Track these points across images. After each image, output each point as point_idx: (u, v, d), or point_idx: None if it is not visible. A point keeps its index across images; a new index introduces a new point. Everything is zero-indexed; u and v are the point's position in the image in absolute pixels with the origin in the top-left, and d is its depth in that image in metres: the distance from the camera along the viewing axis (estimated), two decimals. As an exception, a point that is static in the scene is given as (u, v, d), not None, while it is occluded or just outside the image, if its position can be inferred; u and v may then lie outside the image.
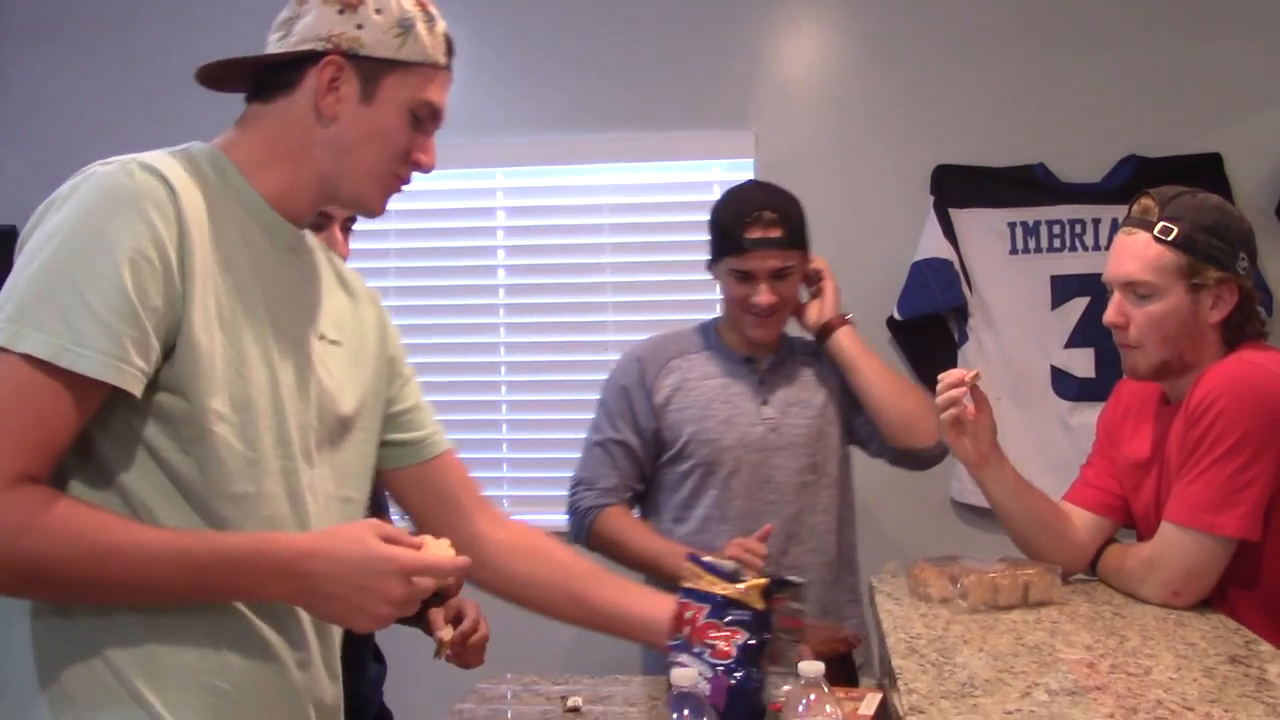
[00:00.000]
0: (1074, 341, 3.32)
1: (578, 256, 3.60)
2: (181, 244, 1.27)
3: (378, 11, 1.40)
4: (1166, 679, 1.56)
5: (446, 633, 2.01)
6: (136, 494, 1.27)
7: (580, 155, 3.57)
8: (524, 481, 3.66)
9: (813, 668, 1.38)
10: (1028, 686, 1.54)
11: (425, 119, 1.45)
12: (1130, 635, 1.79)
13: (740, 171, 3.48)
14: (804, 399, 2.51)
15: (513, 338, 3.65)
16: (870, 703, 1.67)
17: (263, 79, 1.42)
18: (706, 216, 3.63)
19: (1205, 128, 3.31)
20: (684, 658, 1.55)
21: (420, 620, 2.07)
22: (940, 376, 2.13)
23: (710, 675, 1.51)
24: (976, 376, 2.10)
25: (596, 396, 3.55)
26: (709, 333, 2.58)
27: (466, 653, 2.05)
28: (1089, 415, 2.79)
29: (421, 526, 1.65)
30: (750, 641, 1.51)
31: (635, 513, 2.57)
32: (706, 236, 3.68)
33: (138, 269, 1.23)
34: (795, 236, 2.43)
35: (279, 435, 1.36)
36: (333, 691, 1.47)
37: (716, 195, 3.50)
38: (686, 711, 1.35)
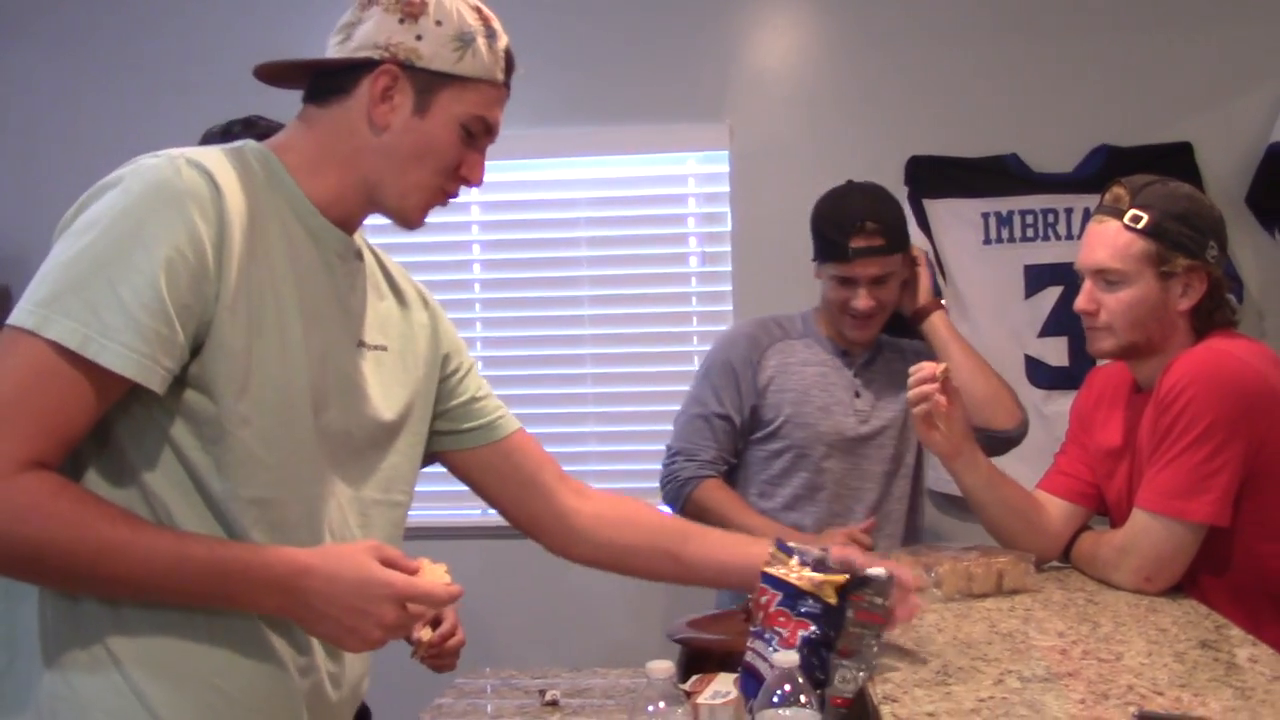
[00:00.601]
0: (1047, 330, 3.34)
1: (553, 250, 3.60)
2: (221, 244, 1.27)
3: (438, 23, 1.39)
4: (1138, 664, 1.58)
5: (425, 633, 2.01)
6: (154, 488, 1.27)
7: (555, 149, 3.56)
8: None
9: (786, 658, 1.38)
10: (1001, 674, 1.55)
11: (478, 134, 1.44)
12: (1103, 621, 1.80)
13: (715, 164, 3.50)
14: (892, 394, 2.60)
15: (489, 332, 3.65)
16: None
17: (319, 82, 1.42)
18: (681, 209, 3.68)
19: (1175, 117, 3.33)
20: (755, 643, 1.55)
21: None
22: (911, 370, 2.15)
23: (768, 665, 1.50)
24: (947, 370, 2.12)
25: (572, 390, 3.57)
26: (808, 322, 2.68)
27: (442, 656, 2.04)
28: (1063, 403, 2.82)
29: (502, 510, 1.71)
30: (815, 635, 1.50)
31: None
32: (682, 229, 3.69)
33: (173, 267, 1.22)
34: (896, 243, 2.51)
35: (302, 441, 1.35)
36: (337, 699, 1.45)
37: (692, 188, 3.57)
38: (662, 704, 1.36)
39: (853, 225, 2.47)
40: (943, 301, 2.64)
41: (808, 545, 1.62)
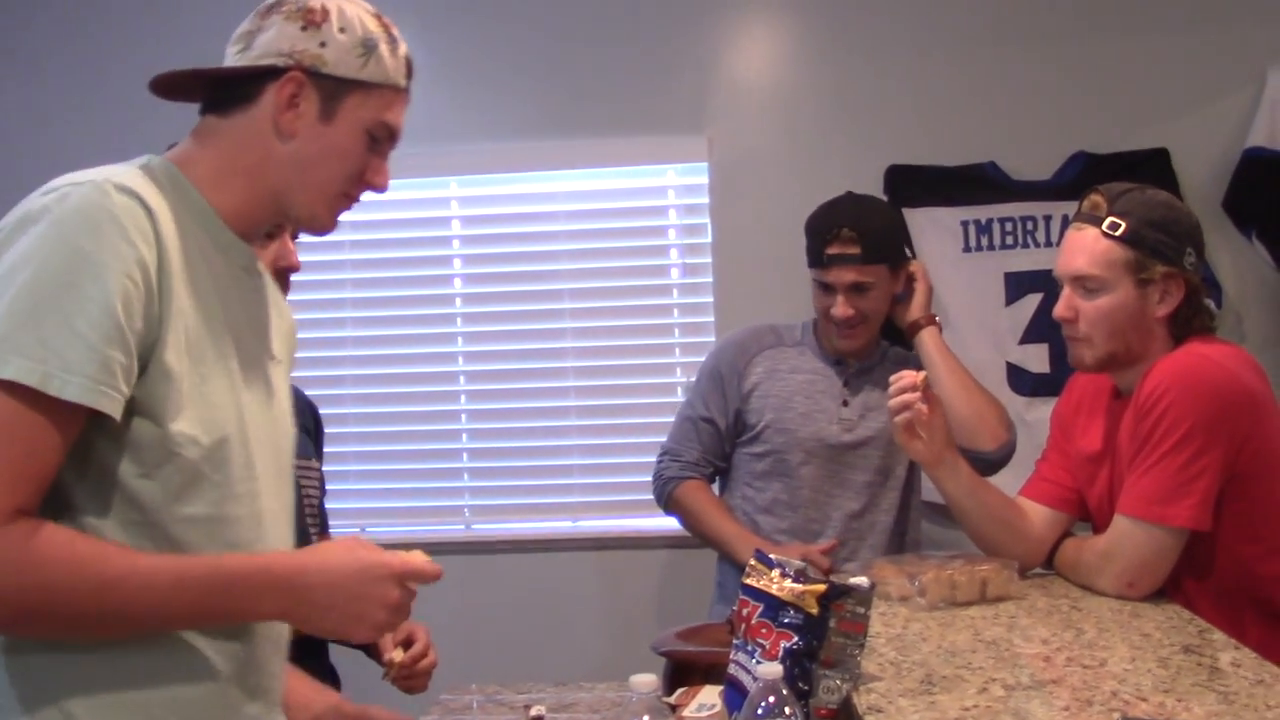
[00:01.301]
0: (1028, 337, 3.35)
1: (534, 264, 3.59)
2: (160, 266, 1.26)
3: (341, 30, 1.39)
4: (1121, 670, 1.58)
5: (397, 654, 2.00)
6: (99, 523, 1.25)
7: (535, 162, 3.56)
8: (485, 491, 3.64)
9: (770, 670, 1.38)
10: (985, 682, 1.55)
11: (382, 140, 1.44)
12: (1086, 627, 1.81)
13: (695, 176, 3.50)
14: (884, 405, 2.53)
15: (471, 346, 3.64)
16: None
17: (220, 92, 1.41)
18: (662, 221, 3.68)
19: (1152, 123, 3.35)
20: (738, 655, 1.55)
21: (365, 645, 2.05)
22: (892, 379, 2.15)
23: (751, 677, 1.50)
24: (927, 379, 2.13)
25: (556, 403, 3.58)
26: (807, 330, 2.72)
27: (414, 677, 2.03)
28: (1044, 410, 2.81)
29: None
30: (797, 646, 1.50)
31: (715, 487, 2.74)
32: (663, 241, 3.73)
33: (126, 294, 1.21)
34: (875, 252, 2.51)
35: (244, 458, 1.36)
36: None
37: (671, 200, 3.57)
38: (647, 718, 1.35)
39: (830, 231, 2.51)
40: (937, 318, 2.65)
41: (788, 557, 1.63)
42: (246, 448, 1.36)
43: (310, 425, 2.17)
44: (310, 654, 1.81)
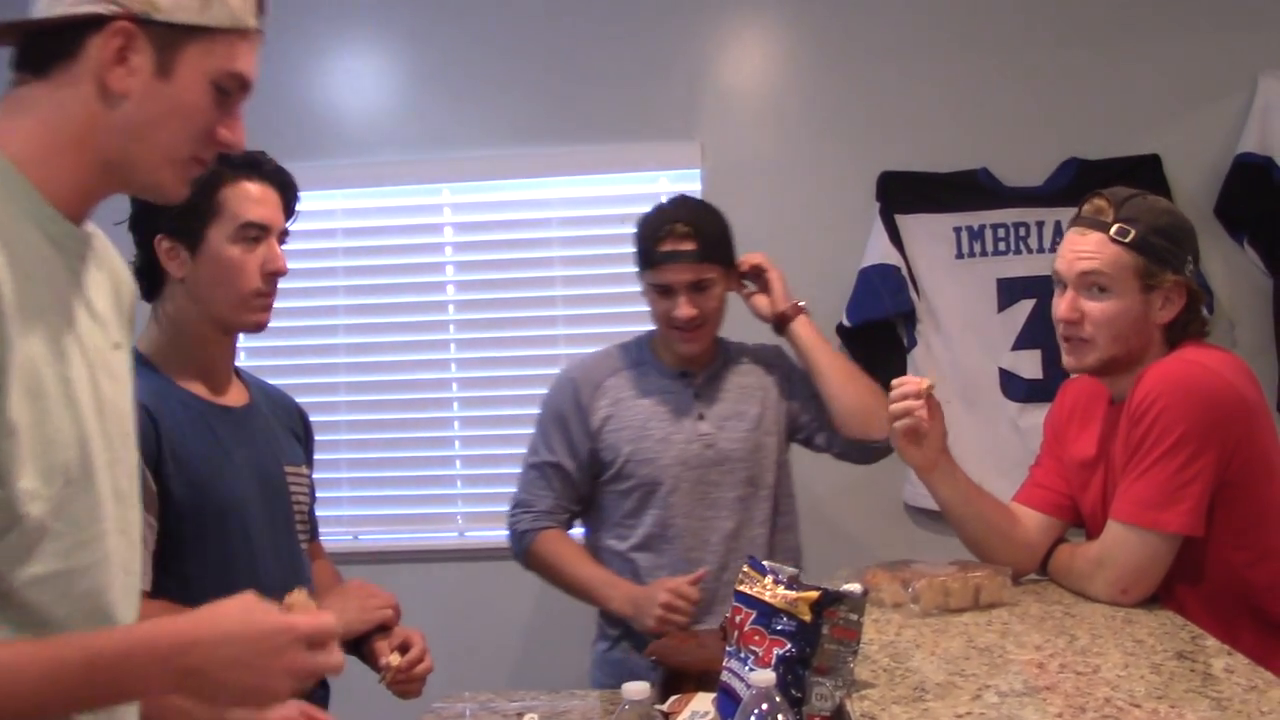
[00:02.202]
0: (1021, 343, 3.35)
1: (527, 271, 3.59)
2: None
3: None
4: (1114, 676, 1.58)
5: (394, 658, 1.99)
6: None
7: (527, 169, 3.56)
8: (478, 498, 3.64)
9: (763, 677, 1.38)
10: (979, 689, 1.55)
11: (233, 91, 1.24)
12: (1080, 634, 1.80)
13: (687, 183, 3.49)
14: (740, 411, 2.52)
15: (463, 353, 3.64)
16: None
17: (33, 49, 1.18)
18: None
19: (1144, 130, 3.35)
20: (731, 662, 1.55)
21: (359, 649, 2.05)
22: (895, 383, 2.14)
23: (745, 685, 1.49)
24: (932, 387, 2.11)
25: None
26: (643, 348, 2.58)
27: (410, 682, 2.03)
28: (1037, 416, 2.81)
29: None
30: (790, 652, 1.50)
31: (576, 530, 2.60)
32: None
33: None
34: (709, 249, 2.43)
35: (88, 495, 1.19)
36: None
37: (664, 206, 3.56)
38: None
39: (663, 229, 2.41)
40: (802, 305, 2.55)
41: (780, 564, 1.62)
42: (90, 480, 1.20)
43: (300, 432, 2.17)
44: None
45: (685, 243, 2.40)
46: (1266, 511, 1.96)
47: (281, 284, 1.98)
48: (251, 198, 1.90)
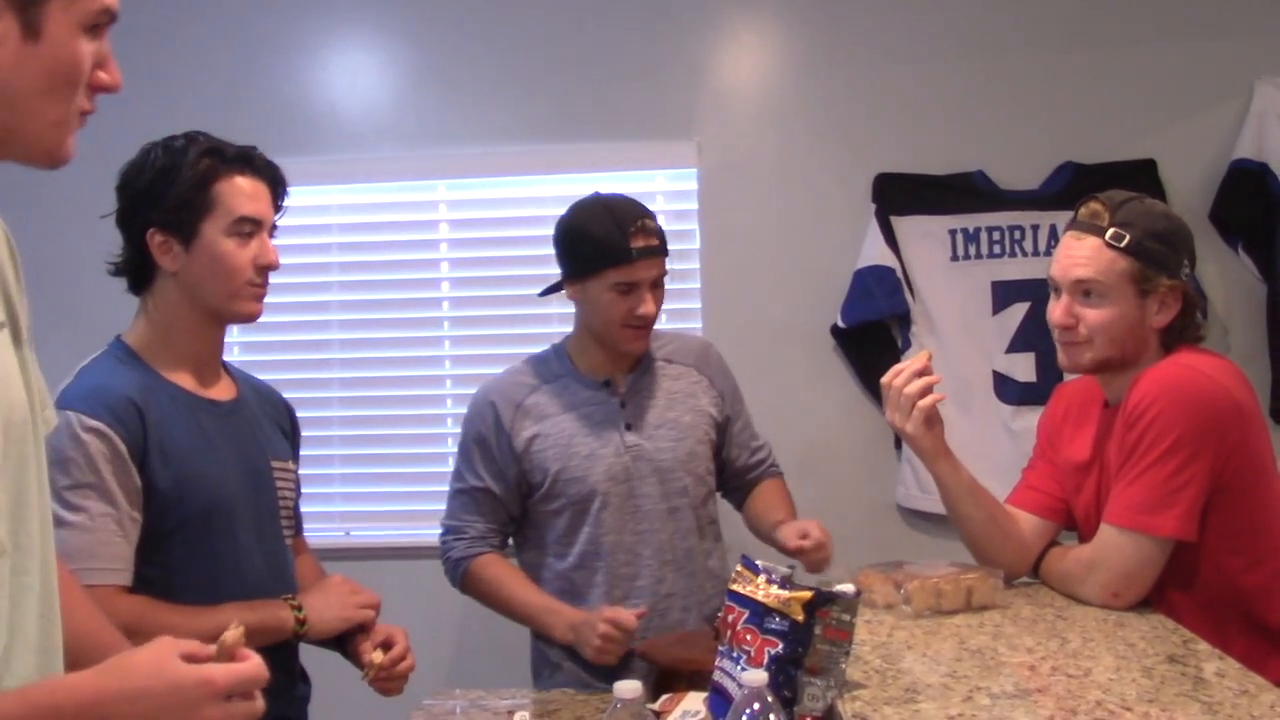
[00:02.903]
0: (1015, 346, 3.35)
1: (521, 268, 3.57)
2: None
3: None
4: (1106, 679, 1.58)
5: (377, 655, 1.99)
6: None
7: (524, 166, 3.55)
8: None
9: (755, 677, 1.38)
10: (970, 691, 1.55)
11: (102, 25, 1.15)
12: (1071, 637, 1.80)
13: (683, 182, 3.50)
14: (670, 419, 2.44)
15: (457, 350, 3.63)
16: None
17: None
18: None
19: (1140, 134, 3.36)
20: (723, 661, 1.54)
21: (342, 646, 2.05)
22: (893, 371, 2.12)
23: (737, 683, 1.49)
24: (930, 357, 2.13)
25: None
26: (561, 358, 2.49)
27: (392, 679, 2.02)
28: (1030, 419, 2.82)
29: None
30: (782, 652, 1.49)
31: (509, 551, 2.52)
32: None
33: None
34: (666, 245, 2.39)
35: None
36: None
37: (660, 205, 3.56)
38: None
39: (633, 224, 2.31)
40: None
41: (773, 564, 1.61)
42: None
43: (288, 427, 2.17)
44: (279, 654, 1.80)
45: (652, 238, 2.34)
46: (1259, 517, 1.96)
47: (275, 279, 1.99)
48: (245, 193, 1.91)
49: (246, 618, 1.44)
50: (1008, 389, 3.36)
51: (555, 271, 3.70)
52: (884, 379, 2.13)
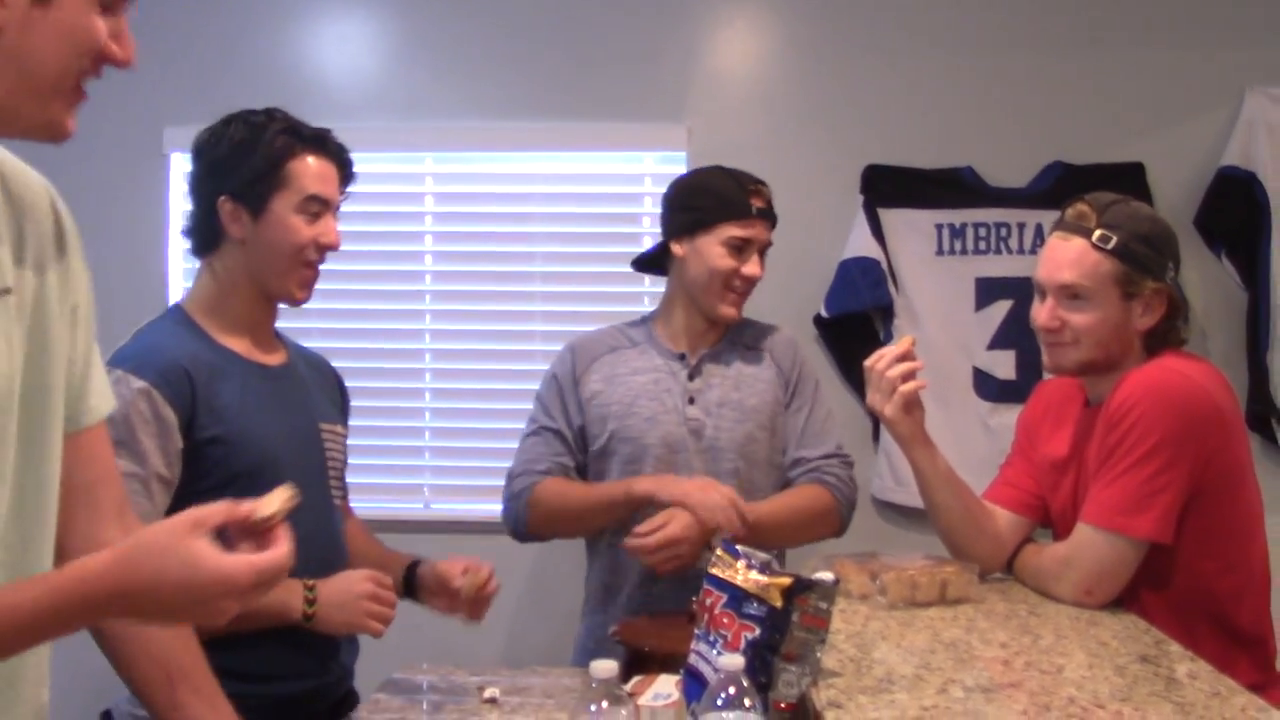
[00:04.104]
0: (996, 343, 3.35)
1: (506, 244, 3.57)
2: None
3: None
4: (1079, 677, 1.58)
5: (468, 579, 2.07)
6: None
7: (512, 142, 3.53)
8: (446, 470, 3.62)
9: (732, 661, 1.37)
10: (944, 683, 1.55)
11: (116, 1, 1.13)
12: (1044, 634, 1.81)
13: (673, 165, 3.48)
14: (734, 400, 2.43)
15: (438, 325, 3.61)
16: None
17: None
18: (637, 208, 3.63)
19: (1129, 137, 3.37)
20: (699, 645, 1.54)
21: (411, 592, 2.14)
22: (876, 355, 2.10)
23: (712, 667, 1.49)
24: (914, 342, 2.11)
25: (522, 385, 3.53)
26: (647, 327, 2.55)
27: (478, 602, 2.10)
28: (1009, 416, 2.82)
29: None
30: (759, 638, 1.49)
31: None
32: (637, 228, 3.61)
33: None
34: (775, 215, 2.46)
35: None
36: None
37: (648, 187, 3.55)
38: (605, 704, 1.34)
39: (752, 184, 2.40)
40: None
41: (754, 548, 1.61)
42: None
43: (336, 396, 2.25)
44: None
45: (767, 205, 2.42)
46: (1236, 522, 1.97)
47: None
48: (316, 173, 2.01)
49: None
50: (987, 385, 3.36)
51: (542, 250, 3.68)
52: (867, 362, 2.12)
